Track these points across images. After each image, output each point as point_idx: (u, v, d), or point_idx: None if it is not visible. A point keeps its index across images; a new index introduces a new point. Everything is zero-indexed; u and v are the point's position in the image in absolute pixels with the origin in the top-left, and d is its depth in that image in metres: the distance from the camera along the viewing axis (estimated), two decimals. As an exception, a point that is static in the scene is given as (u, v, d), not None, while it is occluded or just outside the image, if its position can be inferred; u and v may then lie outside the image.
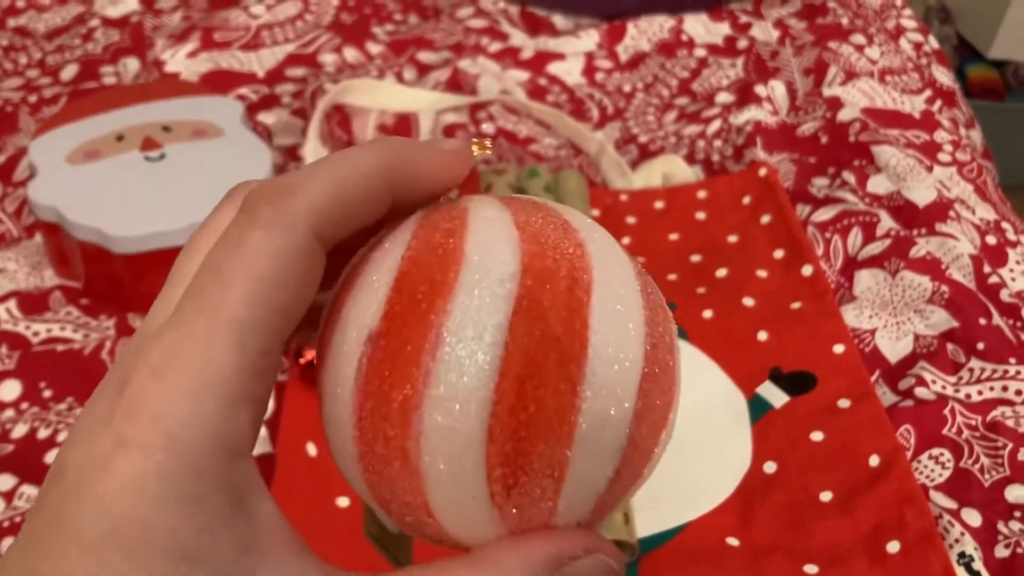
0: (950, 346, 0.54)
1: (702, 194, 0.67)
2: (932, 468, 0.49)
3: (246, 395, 0.18)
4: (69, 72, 0.79)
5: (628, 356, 0.20)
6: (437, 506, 0.19)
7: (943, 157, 0.68)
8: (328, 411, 0.20)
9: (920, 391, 0.52)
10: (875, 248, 0.60)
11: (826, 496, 0.48)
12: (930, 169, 0.66)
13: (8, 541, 0.46)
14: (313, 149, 0.67)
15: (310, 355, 0.51)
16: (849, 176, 0.66)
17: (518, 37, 0.85)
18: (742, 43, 0.83)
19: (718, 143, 0.73)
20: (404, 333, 0.19)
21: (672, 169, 0.70)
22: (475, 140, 0.23)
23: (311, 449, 0.50)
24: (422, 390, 0.19)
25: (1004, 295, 0.57)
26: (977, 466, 0.49)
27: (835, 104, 0.73)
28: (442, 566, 0.19)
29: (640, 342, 0.20)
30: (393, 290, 0.19)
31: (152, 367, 0.18)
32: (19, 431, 0.51)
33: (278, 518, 0.19)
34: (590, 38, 0.84)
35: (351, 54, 0.82)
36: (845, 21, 0.82)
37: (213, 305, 0.18)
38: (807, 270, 0.59)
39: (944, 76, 0.80)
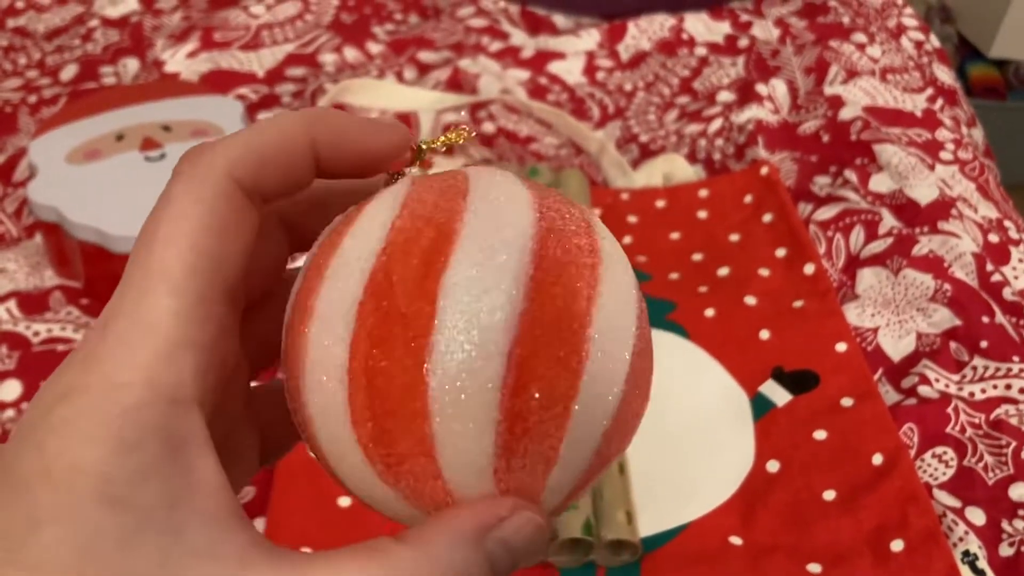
0: (953, 344, 0.54)
1: (703, 193, 0.67)
2: (936, 467, 0.49)
3: (185, 341, 0.18)
4: (69, 72, 0.79)
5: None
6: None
7: (945, 155, 0.68)
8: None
9: (923, 389, 0.52)
10: (877, 246, 0.60)
11: (829, 495, 0.48)
12: (932, 167, 0.66)
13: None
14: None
15: None
16: (851, 175, 0.66)
17: (518, 36, 0.85)
18: (743, 42, 0.82)
19: (719, 142, 0.73)
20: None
21: (673, 168, 0.70)
22: (453, 128, 0.23)
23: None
24: (301, 375, 0.19)
25: (1007, 293, 0.57)
26: (981, 464, 0.48)
27: (836, 103, 0.73)
28: (367, 546, 0.19)
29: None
30: (299, 285, 0.20)
31: (99, 323, 0.19)
32: (19, 431, 0.51)
33: (217, 477, 0.18)
34: (591, 37, 0.83)
35: (351, 54, 0.82)
36: (846, 20, 0.82)
37: (144, 258, 0.19)
38: (809, 269, 0.59)
39: (945, 75, 0.80)
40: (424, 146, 0.22)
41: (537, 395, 0.18)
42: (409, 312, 0.18)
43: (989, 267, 0.58)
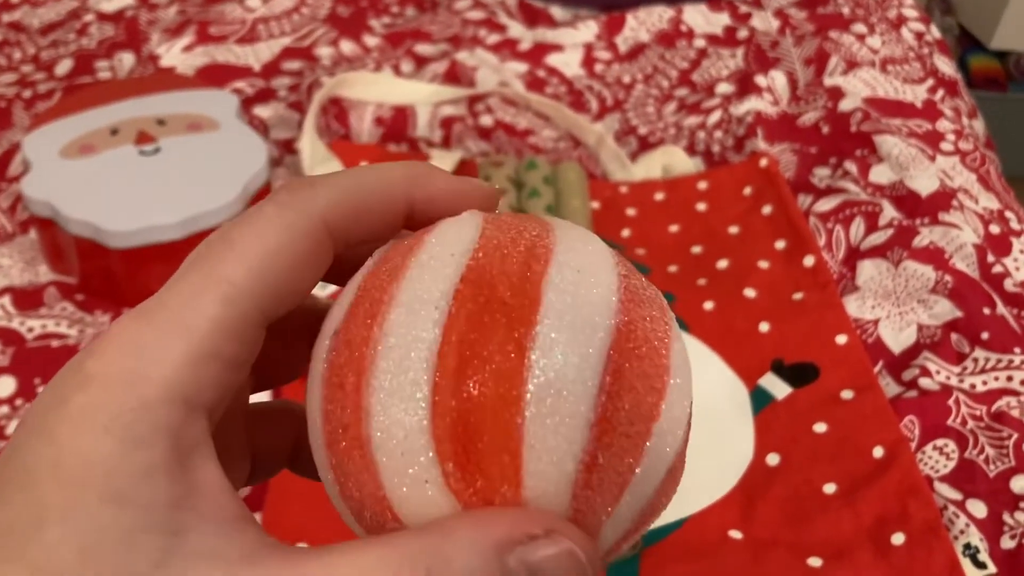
0: (954, 336, 0.54)
1: (702, 185, 0.67)
2: (937, 459, 0.48)
3: (216, 352, 0.18)
4: (64, 67, 0.79)
5: (589, 322, 0.18)
6: (394, 498, 0.18)
7: (946, 146, 0.67)
8: (309, 422, 0.20)
9: (924, 381, 0.51)
10: (878, 238, 0.60)
11: (829, 488, 0.47)
12: (933, 158, 0.65)
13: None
14: (309, 142, 0.66)
15: None
16: (851, 166, 0.65)
17: (516, 29, 0.84)
18: (742, 33, 0.82)
19: (718, 134, 0.72)
20: (356, 325, 0.19)
21: (672, 160, 0.70)
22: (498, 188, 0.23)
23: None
24: (368, 368, 0.18)
25: (1008, 284, 0.56)
26: (982, 457, 0.48)
27: (836, 94, 0.72)
28: (388, 537, 0.18)
29: (609, 313, 0.19)
30: (356, 296, 0.19)
31: (137, 311, 0.18)
32: (14, 427, 0.51)
33: (221, 482, 0.18)
34: (589, 29, 0.83)
35: (348, 47, 0.81)
36: (846, 11, 0.82)
37: (211, 262, 0.19)
38: (809, 261, 0.59)
39: (946, 66, 0.79)
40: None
41: (627, 406, 0.18)
42: (513, 303, 0.18)
43: (990, 258, 0.57)
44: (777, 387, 0.52)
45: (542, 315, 0.18)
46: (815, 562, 0.44)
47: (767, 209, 0.63)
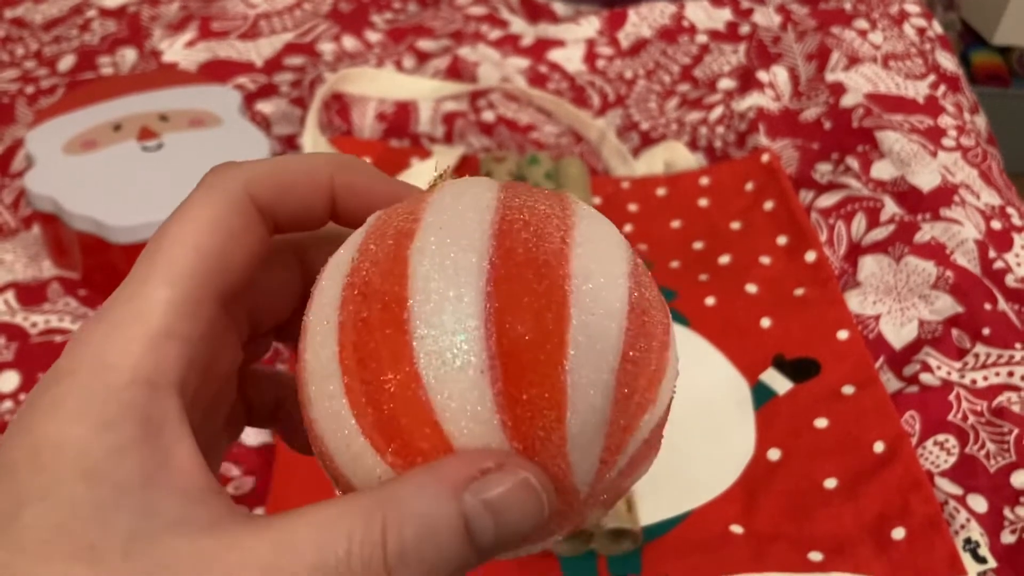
0: (955, 331, 0.54)
1: (704, 181, 0.67)
2: (937, 454, 0.48)
3: (173, 332, 0.19)
4: (66, 63, 0.79)
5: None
6: (345, 470, 0.19)
7: (947, 142, 0.67)
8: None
9: (925, 377, 0.51)
10: (879, 234, 0.60)
11: (830, 483, 0.47)
12: (934, 154, 0.65)
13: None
14: (312, 138, 0.66)
15: None
16: (853, 162, 0.66)
17: (518, 24, 0.84)
18: (744, 29, 0.82)
19: (720, 129, 0.73)
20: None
21: (674, 156, 0.70)
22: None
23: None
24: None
25: (1009, 280, 0.56)
26: (983, 452, 0.48)
27: (838, 90, 0.72)
28: (345, 498, 0.18)
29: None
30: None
31: (97, 312, 0.20)
32: (18, 422, 0.51)
33: (192, 458, 0.19)
34: (591, 25, 0.83)
35: (350, 43, 0.81)
36: (848, 6, 0.82)
37: (152, 253, 0.20)
38: (810, 256, 0.59)
39: (948, 61, 0.79)
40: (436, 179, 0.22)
41: (523, 331, 0.18)
42: (384, 289, 0.19)
43: (992, 254, 0.58)
44: (778, 382, 0.53)
45: (411, 290, 0.18)
46: (816, 556, 0.45)
47: (769, 205, 0.63)
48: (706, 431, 0.51)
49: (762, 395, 0.52)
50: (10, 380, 0.53)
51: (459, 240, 0.19)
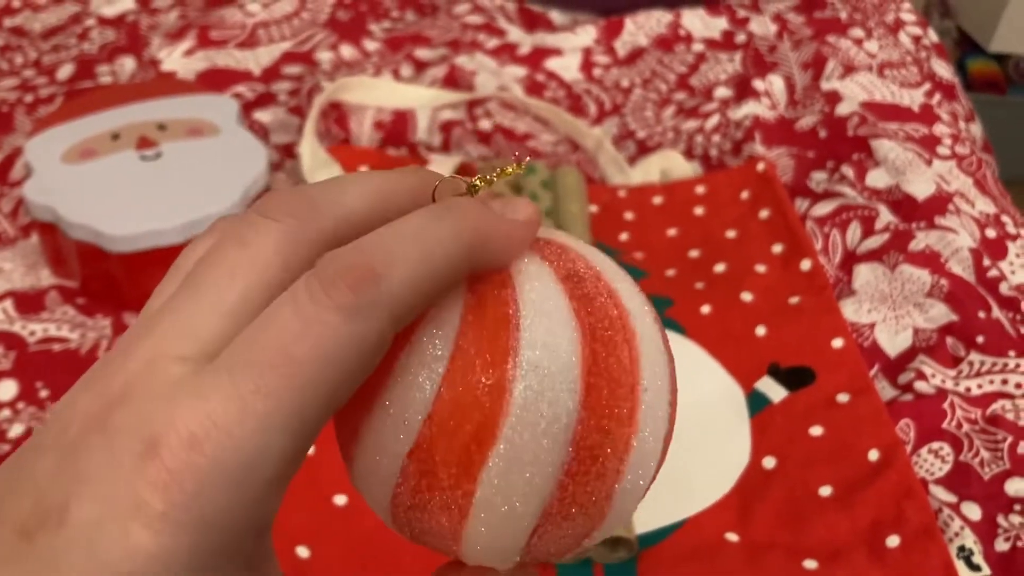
0: (950, 340, 0.54)
1: (700, 189, 0.67)
2: (932, 462, 0.49)
3: (284, 479, 0.17)
4: (65, 71, 0.79)
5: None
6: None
7: (942, 151, 0.68)
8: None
9: (919, 385, 0.52)
10: (874, 242, 0.60)
11: (825, 491, 0.48)
12: (929, 163, 0.65)
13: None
14: (309, 147, 0.67)
15: None
16: (848, 170, 0.66)
17: (515, 33, 0.85)
18: (740, 37, 0.82)
19: (716, 138, 0.73)
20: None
21: (670, 164, 0.70)
22: (513, 164, 0.22)
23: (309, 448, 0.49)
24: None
25: (1004, 288, 0.57)
26: (977, 460, 0.48)
27: (834, 98, 0.72)
28: None
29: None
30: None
31: (189, 433, 0.16)
32: (16, 431, 0.51)
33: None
34: (587, 34, 0.83)
35: (347, 51, 0.82)
36: (844, 15, 0.82)
37: (275, 387, 0.17)
38: (806, 265, 0.59)
39: (943, 69, 0.80)
40: (479, 183, 0.22)
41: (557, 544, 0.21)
42: (449, 486, 0.19)
43: (986, 262, 0.58)
44: (773, 390, 0.53)
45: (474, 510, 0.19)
46: (811, 564, 0.45)
47: (764, 213, 0.64)
48: (701, 439, 0.51)
49: (757, 403, 0.53)
50: (8, 389, 0.53)
51: (532, 459, 0.19)
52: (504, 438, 0.19)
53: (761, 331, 0.56)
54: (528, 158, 0.22)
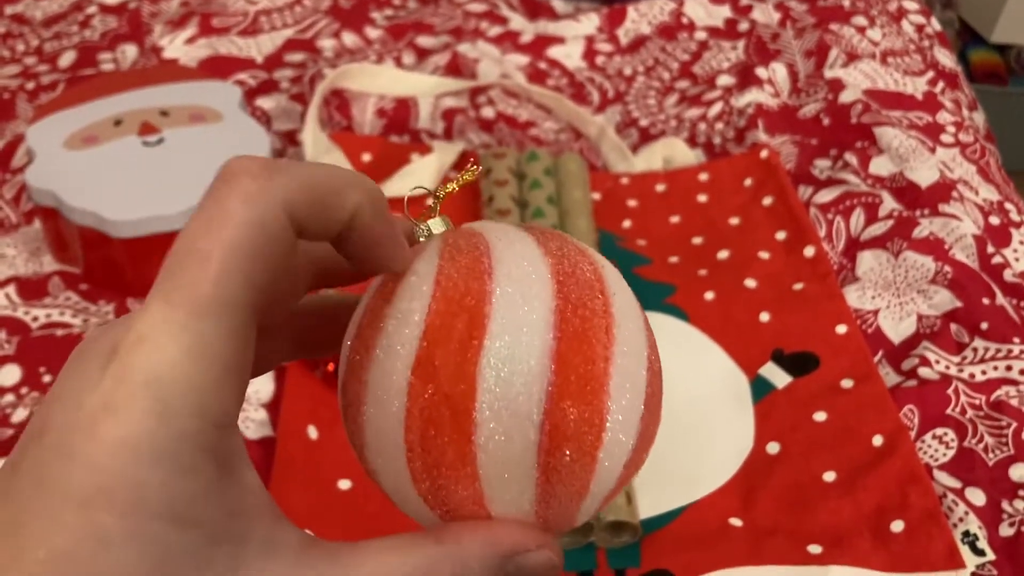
0: (953, 326, 0.54)
1: (703, 177, 0.67)
2: (936, 448, 0.49)
3: (231, 367, 0.19)
4: (67, 59, 0.79)
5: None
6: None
7: (946, 138, 0.68)
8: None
9: (923, 371, 0.52)
10: (878, 229, 0.60)
11: (829, 476, 0.48)
12: (933, 150, 0.65)
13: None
14: (312, 134, 0.66)
15: (332, 366, 0.52)
16: (851, 157, 0.66)
17: (518, 21, 0.84)
18: (743, 25, 0.82)
19: (719, 126, 0.73)
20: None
21: (673, 152, 0.70)
22: (466, 168, 0.24)
23: (312, 432, 0.49)
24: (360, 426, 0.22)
25: (1008, 275, 0.56)
26: (981, 445, 0.48)
27: (837, 86, 0.72)
28: (407, 539, 0.21)
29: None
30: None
31: (140, 335, 0.18)
32: (19, 416, 0.51)
33: (260, 486, 0.20)
34: (590, 21, 0.83)
35: (350, 39, 0.82)
36: (847, 3, 0.82)
37: (194, 278, 0.18)
38: (809, 251, 0.59)
39: (946, 58, 0.80)
40: (441, 194, 0.24)
41: (568, 452, 0.21)
42: (453, 393, 0.21)
43: (990, 249, 0.58)
44: (777, 376, 0.53)
45: (478, 403, 0.21)
46: (815, 549, 0.45)
47: (768, 200, 0.64)
48: (705, 425, 0.51)
49: (761, 389, 0.53)
50: (12, 374, 0.53)
51: (524, 362, 0.21)
52: (493, 334, 0.21)
53: (765, 317, 0.56)
54: (474, 164, 0.23)
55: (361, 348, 0.22)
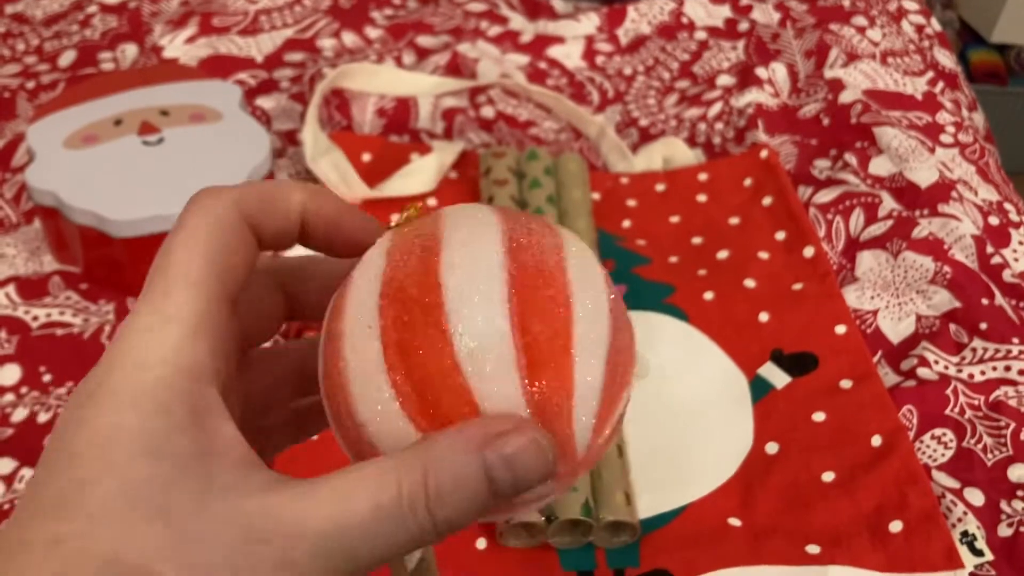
0: (952, 326, 0.54)
1: (703, 177, 0.67)
2: (935, 448, 0.49)
3: (201, 330, 0.22)
4: (67, 58, 0.79)
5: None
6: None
7: (945, 138, 0.68)
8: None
9: (922, 371, 0.52)
10: (877, 229, 0.60)
11: (828, 476, 0.48)
12: (932, 150, 0.65)
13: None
14: (311, 133, 0.66)
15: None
16: (851, 158, 0.66)
17: (517, 21, 0.84)
18: (743, 25, 0.82)
19: (719, 126, 0.73)
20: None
21: (673, 152, 0.70)
22: (409, 204, 0.25)
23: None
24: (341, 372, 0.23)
25: (1007, 275, 0.57)
26: (980, 446, 0.48)
27: (837, 86, 0.72)
28: (374, 461, 0.21)
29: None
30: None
31: (126, 322, 0.22)
32: (19, 415, 0.51)
33: (236, 436, 0.21)
34: (590, 21, 0.83)
35: (350, 38, 0.82)
36: (847, 3, 0.82)
37: (164, 266, 0.22)
38: (809, 251, 0.59)
39: (946, 58, 0.80)
40: (394, 225, 0.26)
41: (540, 328, 0.22)
42: (421, 297, 0.22)
43: (989, 249, 0.58)
44: (776, 376, 0.53)
45: (445, 295, 0.22)
46: (813, 549, 0.45)
47: (767, 200, 0.64)
48: (704, 425, 0.51)
49: (760, 389, 0.53)
50: (12, 373, 0.53)
51: (481, 257, 0.22)
52: (450, 248, 0.22)
53: (764, 317, 0.56)
54: (418, 203, 0.25)
55: (332, 318, 0.23)
